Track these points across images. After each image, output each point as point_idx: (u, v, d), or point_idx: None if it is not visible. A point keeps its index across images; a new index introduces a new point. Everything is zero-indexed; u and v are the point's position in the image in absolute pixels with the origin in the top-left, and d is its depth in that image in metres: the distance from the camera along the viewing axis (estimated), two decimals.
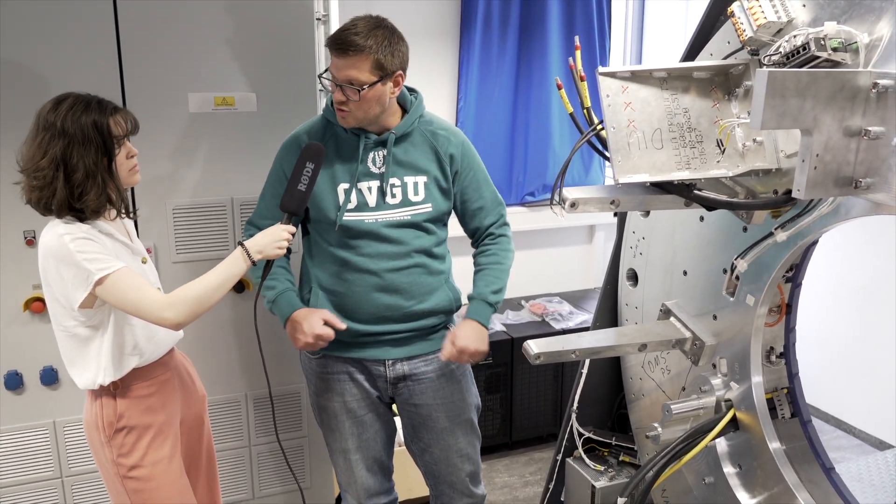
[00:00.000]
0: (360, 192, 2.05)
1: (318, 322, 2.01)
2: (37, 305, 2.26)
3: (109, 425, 1.88)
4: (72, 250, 1.72)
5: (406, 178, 2.07)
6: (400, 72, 1.99)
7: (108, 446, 1.89)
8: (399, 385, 2.19)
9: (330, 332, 2.01)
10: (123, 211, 1.82)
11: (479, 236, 2.24)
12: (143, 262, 1.94)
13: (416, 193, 2.08)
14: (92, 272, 1.72)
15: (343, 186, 2.05)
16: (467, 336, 2.08)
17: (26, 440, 2.36)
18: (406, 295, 2.09)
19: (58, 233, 1.74)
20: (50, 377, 2.32)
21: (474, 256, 2.26)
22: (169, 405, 1.98)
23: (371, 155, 2.06)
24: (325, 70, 2.00)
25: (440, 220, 2.15)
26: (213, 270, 1.84)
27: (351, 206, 2.04)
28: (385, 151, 2.05)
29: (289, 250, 2.10)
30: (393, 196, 2.06)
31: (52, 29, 2.16)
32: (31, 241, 2.23)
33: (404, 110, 2.10)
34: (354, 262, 2.06)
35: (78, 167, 1.71)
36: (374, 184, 2.06)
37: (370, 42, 1.90)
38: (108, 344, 1.83)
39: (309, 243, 2.16)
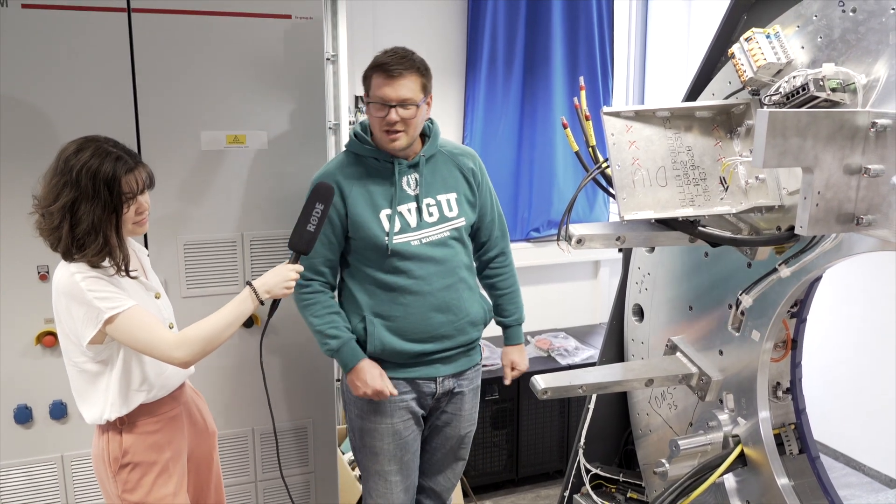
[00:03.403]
0: (400, 214, 2.16)
1: (378, 377, 2.17)
2: (48, 339, 2.28)
3: (115, 461, 1.88)
4: (83, 289, 1.74)
5: (439, 197, 2.22)
6: (431, 95, 2.18)
7: (113, 481, 1.90)
8: (441, 400, 2.31)
9: (387, 392, 2.17)
10: (123, 269, 1.81)
11: (486, 250, 2.38)
12: (157, 297, 1.96)
13: (450, 210, 2.23)
14: (102, 311, 1.74)
15: (385, 212, 2.15)
16: (522, 360, 2.45)
17: (35, 474, 2.36)
18: (455, 311, 2.23)
19: (70, 271, 1.76)
20: (59, 411, 2.33)
21: (489, 277, 2.42)
22: (175, 442, 1.98)
23: (405, 179, 2.18)
24: (364, 99, 2.15)
25: (468, 233, 2.31)
26: (221, 310, 1.86)
27: (396, 229, 2.15)
28: (417, 174, 2.19)
29: (332, 287, 2.24)
30: (430, 215, 2.20)
31: (71, 68, 2.21)
32: (45, 276, 2.26)
33: (422, 136, 2.25)
34: (408, 286, 2.16)
35: (83, 220, 1.74)
36: (412, 205, 2.18)
37: (416, 64, 2.11)
38: (116, 379, 1.84)
39: (351, 273, 2.24)
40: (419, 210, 2.18)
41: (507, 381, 2.46)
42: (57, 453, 2.37)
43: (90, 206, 1.74)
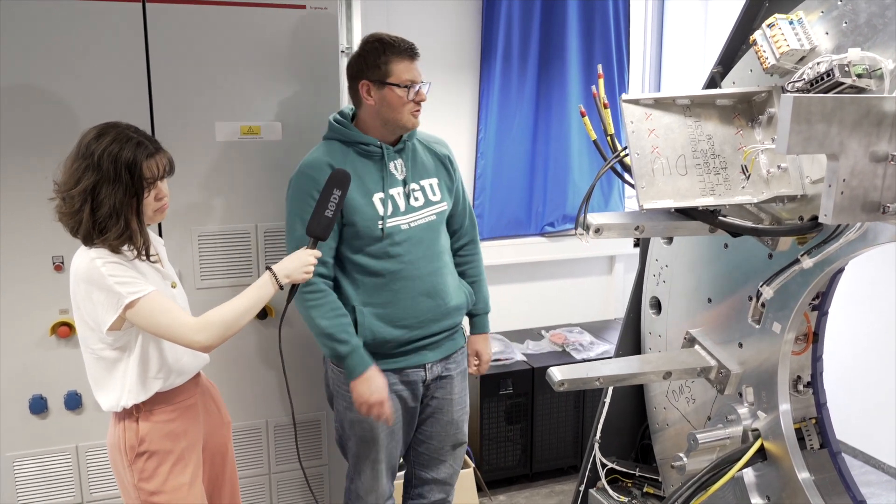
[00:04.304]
0: (392, 198, 2.18)
1: (384, 387, 2.13)
2: (63, 330, 2.28)
3: (131, 449, 1.88)
4: (104, 273, 1.74)
5: (422, 182, 2.25)
6: None
7: (129, 470, 1.90)
8: (430, 387, 2.32)
9: (388, 410, 2.14)
10: (144, 253, 1.82)
11: (458, 237, 2.40)
12: (173, 286, 1.96)
13: (433, 194, 2.26)
14: (123, 295, 1.75)
15: (378, 196, 2.16)
16: (488, 350, 2.47)
17: (49, 465, 2.37)
18: (441, 295, 2.24)
19: (90, 256, 1.76)
20: (74, 401, 2.34)
21: (459, 265, 2.40)
22: (191, 431, 1.98)
23: (392, 163, 2.19)
24: (377, 84, 2.12)
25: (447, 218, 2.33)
26: (241, 294, 1.86)
27: (389, 212, 2.16)
28: (402, 159, 2.21)
29: (332, 279, 2.19)
30: (416, 199, 2.22)
31: (86, 58, 2.22)
32: (60, 267, 2.26)
33: None
34: (398, 270, 2.17)
35: (104, 203, 1.74)
36: (400, 189, 2.20)
37: None
38: (134, 366, 1.85)
39: (342, 264, 2.20)
40: (406, 194, 2.20)
41: (471, 371, 2.43)
42: (72, 444, 2.38)
43: (111, 190, 1.74)
